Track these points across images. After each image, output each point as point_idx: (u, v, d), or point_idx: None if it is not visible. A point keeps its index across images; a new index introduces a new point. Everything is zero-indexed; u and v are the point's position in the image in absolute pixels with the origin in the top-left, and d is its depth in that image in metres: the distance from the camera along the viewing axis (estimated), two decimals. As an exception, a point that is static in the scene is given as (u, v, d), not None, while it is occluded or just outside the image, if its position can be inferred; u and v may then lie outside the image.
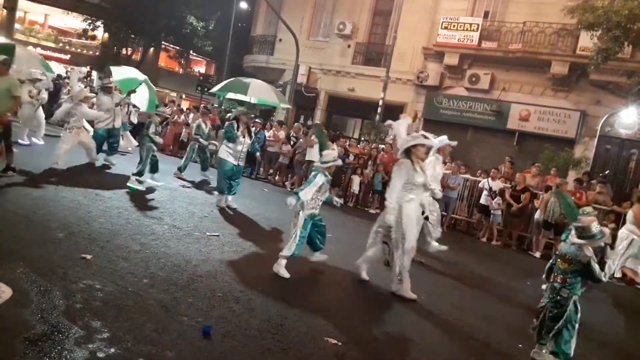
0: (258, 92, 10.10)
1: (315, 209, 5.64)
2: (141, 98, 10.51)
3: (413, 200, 5.56)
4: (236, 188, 8.81)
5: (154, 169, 9.49)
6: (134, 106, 11.52)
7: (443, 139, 7.77)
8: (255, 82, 10.52)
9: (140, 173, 8.87)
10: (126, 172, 9.46)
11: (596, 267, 4.28)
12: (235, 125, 8.58)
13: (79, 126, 9.24)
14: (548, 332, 4.44)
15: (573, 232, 4.44)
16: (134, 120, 12.52)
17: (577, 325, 4.38)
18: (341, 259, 6.69)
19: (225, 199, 8.66)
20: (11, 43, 10.23)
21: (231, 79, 10.77)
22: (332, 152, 5.87)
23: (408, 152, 5.65)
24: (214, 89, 10.30)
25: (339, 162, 5.94)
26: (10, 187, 6.80)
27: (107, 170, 9.95)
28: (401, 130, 5.94)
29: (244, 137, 8.59)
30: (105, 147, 10.40)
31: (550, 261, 4.70)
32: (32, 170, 8.10)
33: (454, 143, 7.89)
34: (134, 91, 10.05)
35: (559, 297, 4.40)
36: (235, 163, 8.59)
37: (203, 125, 11.28)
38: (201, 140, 11.03)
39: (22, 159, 8.26)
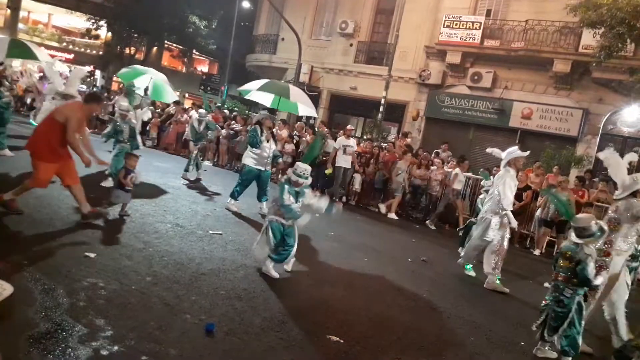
0: (299, 97, 9.51)
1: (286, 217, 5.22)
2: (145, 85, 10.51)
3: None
4: (266, 194, 8.55)
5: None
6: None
7: (513, 150, 6.98)
8: (293, 87, 9.92)
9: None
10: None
11: (590, 267, 4.20)
12: (259, 130, 8.33)
13: None
14: (552, 332, 4.41)
15: (572, 231, 4.44)
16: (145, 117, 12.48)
17: (582, 324, 4.37)
18: (343, 257, 6.72)
19: (233, 203, 8.41)
20: (19, 40, 10.25)
21: (266, 81, 9.98)
22: (306, 166, 5.31)
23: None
24: (250, 89, 9.65)
25: (307, 182, 5.32)
26: (14, 186, 6.83)
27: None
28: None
29: (268, 142, 8.35)
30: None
31: (553, 260, 4.68)
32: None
33: (526, 154, 7.03)
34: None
35: (562, 297, 4.37)
36: (262, 169, 8.38)
37: (196, 124, 11.13)
38: (191, 144, 10.86)
39: (26, 159, 8.29)
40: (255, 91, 9.57)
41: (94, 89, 19.95)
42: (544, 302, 4.62)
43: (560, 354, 4.48)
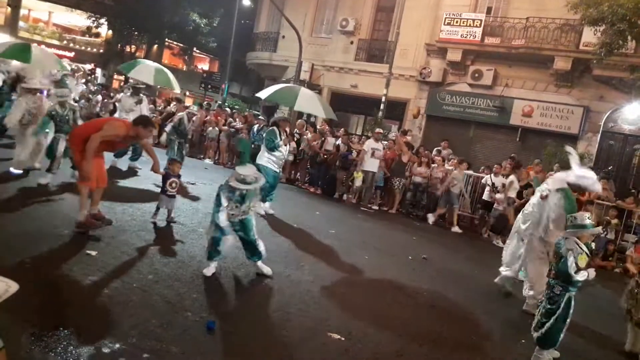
0: (305, 103, 9.21)
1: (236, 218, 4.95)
2: (148, 74, 10.49)
3: None
4: (272, 195, 8.53)
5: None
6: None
7: (589, 178, 5.85)
8: (305, 91, 9.58)
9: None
10: (144, 175, 9.53)
11: (570, 261, 4.09)
12: (277, 132, 8.17)
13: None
14: (539, 328, 4.30)
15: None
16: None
17: (567, 322, 4.25)
18: (343, 255, 6.73)
19: (262, 206, 8.29)
20: (27, 43, 10.10)
21: (280, 86, 9.76)
22: (245, 170, 4.78)
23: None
24: (262, 95, 9.48)
25: (257, 184, 4.84)
26: (15, 184, 6.86)
27: (120, 172, 9.97)
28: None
29: (285, 145, 8.27)
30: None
31: None
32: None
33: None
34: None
35: (552, 294, 4.27)
36: (278, 170, 8.37)
37: (186, 120, 11.01)
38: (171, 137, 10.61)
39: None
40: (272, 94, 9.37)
41: (97, 87, 19.88)
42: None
43: (535, 344, 4.36)
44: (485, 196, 11.55)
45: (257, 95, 10.33)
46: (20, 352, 2.87)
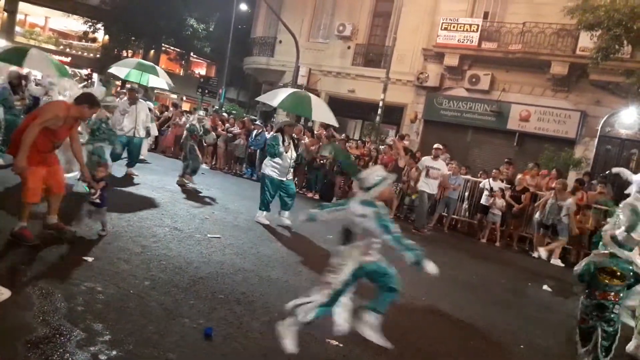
0: (321, 112, 8.77)
1: None
2: (159, 81, 10.48)
3: None
4: (290, 203, 8.20)
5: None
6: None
7: None
8: (315, 99, 9.01)
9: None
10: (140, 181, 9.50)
11: None
12: (280, 139, 7.87)
13: None
14: (607, 352, 4.06)
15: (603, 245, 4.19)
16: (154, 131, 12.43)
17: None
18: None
19: (264, 215, 8.06)
20: (25, 47, 10.12)
21: (288, 93, 8.93)
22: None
23: None
24: (271, 102, 8.87)
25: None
26: (11, 190, 6.81)
27: (117, 178, 9.92)
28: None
29: (287, 152, 7.94)
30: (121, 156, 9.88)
31: (579, 270, 4.22)
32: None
33: None
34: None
35: (611, 315, 4.07)
36: (283, 178, 7.98)
37: (197, 125, 10.91)
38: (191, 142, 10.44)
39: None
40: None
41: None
42: (581, 322, 4.25)
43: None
44: (483, 200, 11.56)
45: (263, 101, 9.92)
46: (16, 359, 2.83)
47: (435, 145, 11.30)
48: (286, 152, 7.95)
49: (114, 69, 11.72)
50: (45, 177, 5.00)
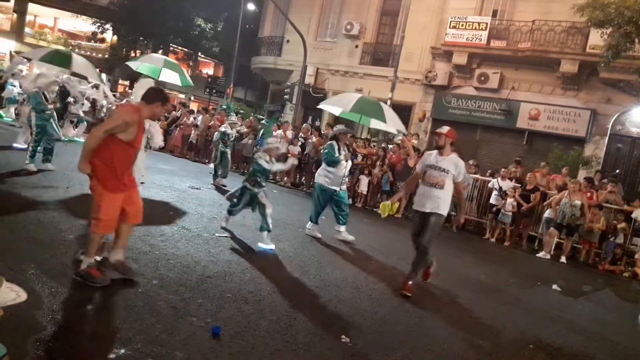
0: (392, 119, 7.93)
1: None
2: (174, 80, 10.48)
3: None
4: (345, 217, 7.80)
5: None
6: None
7: None
8: (384, 105, 8.21)
9: None
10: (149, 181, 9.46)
11: None
12: (336, 147, 7.51)
13: None
14: None
15: None
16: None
17: None
18: (349, 259, 6.69)
19: (314, 227, 7.76)
20: (68, 51, 10.14)
21: (358, 98, 8.05)
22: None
23: None
24: (333, 110, 8.29)
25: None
26: (21, 189, 6.86)
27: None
28: None
29: (347, 160, 7.62)
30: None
31: None
32: (41, 172, 8.20)
33: None
34: None
35: None
36: (337, 189, 7.58)
37: (229, 131, 11.05)
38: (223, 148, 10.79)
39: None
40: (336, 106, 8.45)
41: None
42: None
43: None
44: (492, 200, 11.49)
45: (326, 109, 9.37)
46: (25, 358, 2.84)
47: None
48: (346, 161, 7.64)
49: (139, 66, 11.07)
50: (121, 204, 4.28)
